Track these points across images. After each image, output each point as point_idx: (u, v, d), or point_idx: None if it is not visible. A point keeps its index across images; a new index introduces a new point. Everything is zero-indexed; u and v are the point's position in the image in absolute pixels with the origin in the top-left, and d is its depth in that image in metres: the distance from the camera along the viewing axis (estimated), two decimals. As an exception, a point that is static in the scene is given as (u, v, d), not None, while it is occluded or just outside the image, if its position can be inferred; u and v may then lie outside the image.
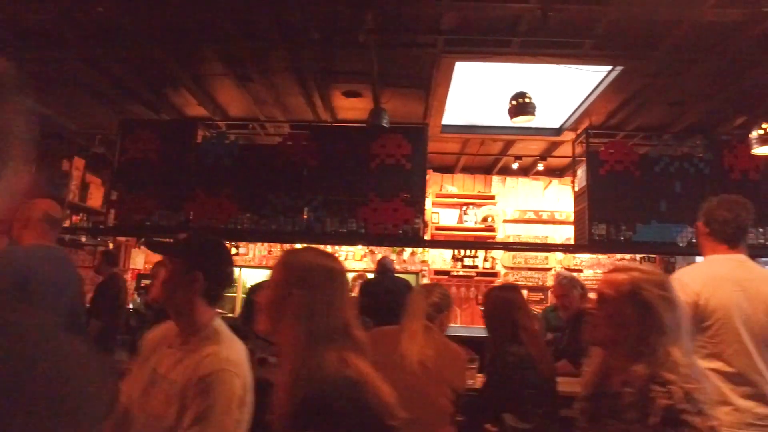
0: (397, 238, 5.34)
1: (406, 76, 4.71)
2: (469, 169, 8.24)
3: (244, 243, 7.69)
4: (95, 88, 5.29)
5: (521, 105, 4.08)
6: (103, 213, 5.99)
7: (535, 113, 4.18)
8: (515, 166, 7.41)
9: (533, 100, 4.12)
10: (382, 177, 5.23)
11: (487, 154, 7.27)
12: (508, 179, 8.35)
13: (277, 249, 7.67)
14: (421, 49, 4.08)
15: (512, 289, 2.76)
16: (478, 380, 3.12)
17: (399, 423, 1.37)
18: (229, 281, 1.73)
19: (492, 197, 8.12)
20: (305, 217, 5.30)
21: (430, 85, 4.78)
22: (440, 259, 7.95)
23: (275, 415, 1.31)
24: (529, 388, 2.38)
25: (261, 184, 5.36)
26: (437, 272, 7.78)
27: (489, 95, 4.50)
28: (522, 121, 4.22)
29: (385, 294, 5.18)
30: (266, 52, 4.38)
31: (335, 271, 1.45)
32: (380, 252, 6.99)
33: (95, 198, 6.97)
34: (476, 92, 5.35)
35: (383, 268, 5.41)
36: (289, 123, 5.72)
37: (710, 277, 2.22)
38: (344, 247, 7.57)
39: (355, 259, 7.41)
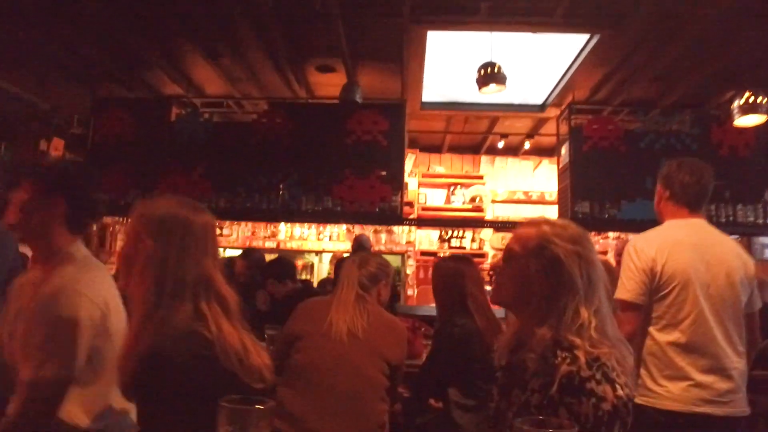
0: (374, 216, 5.24)
1: (378, 49, 4.58)
2: (456, 149, 8.11)
3: (228, 224, 7.59)
4: (68, 67, 5.18)
5: (489, 75, 3.93)
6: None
7: (505, 83, 4.02)
8: (501, 144, 7.26)
9: (503, 70, 3.96)
10: (358, 154, 5.13)
11: (473, 132, 7.13)
12: (497, 159, 8.21)
13: (261, 229, 7.58)
14: (387, 18, 3.93)
15: (463, 259, 2.64)
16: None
17: (266, 387, 1.26)
18: (95, 209, 1.67)
19: (480, 177, 7.98)
20: (281, 195, 5.20)
21: (403, 59, 4.63)
22: (427, 239, 7.82)
23: (119, 371, 1.23)
24: (474, 362, 2.27)
25: (236, 162, 5.27)
26: (423, 253, 7.66)
27: (469, 71, 4.35)
28: (492, 91, 4.07)
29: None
30: (231, 26, 4.24)
31: (194, 222, 1.34)
32: (363, 232, 6.86)
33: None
34: (456, 68, 5.20)
35: (358, 245, 5.29)
36: (266, 100, 5.59)
37: (667, 241, 2.08)
38: (329, 229, 7.46)
39: (340, 240, 7.29)
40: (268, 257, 5.00)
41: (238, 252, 7.26)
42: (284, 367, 2.06)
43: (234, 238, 7.46)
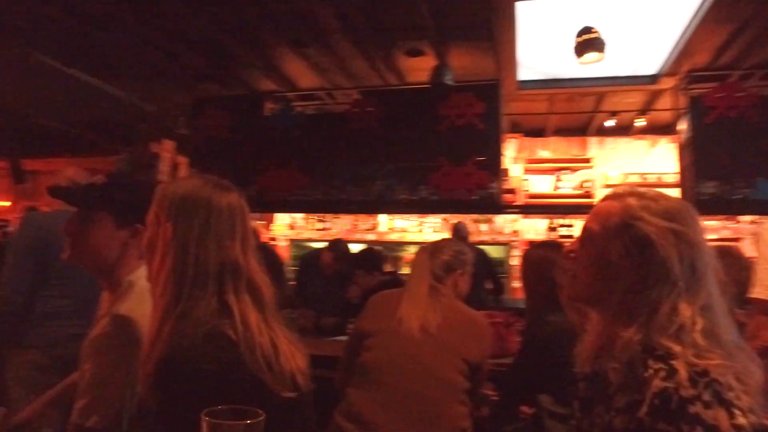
0: (471, 205, 4.98)
1: (466, 27, 4.31)
2: (562, 131, 7.60)
3: (330, 216, 7.65)
4: (170, 72, 5.39)
5: (586, 42, 3.54)
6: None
7: (604, 50, 3.61)
8: (610, 123, 6.68)
9: (601, 35, 3.55)
10: (452, 140, 4.89)
11: (578, 112, 6.62)
12: (608, 140, 7.59)
13: (362, 221, 7.55)
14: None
15: (555, 246, 2.32)
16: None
17: (298, 396, 1.09)
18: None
19: (588, 160, 7.42)
20: (375, 185, 5.10)
21: (493, 35, 4.33)
22: (533, 229, 7.40)
23: (141, 373, 1.08)
24: (566, 365, 1.98)
25: (329, 154, 5.23)
26: (531, 242, 7.26)
27: (568, 44, 3.97)
28: (591, 60, 3.67)
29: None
30: (315, 17, 4.17)
31: (217, 202, 1.18)
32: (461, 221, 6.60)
33: (184, 178, 7.22)
34: (553, 41, 4.79)
35: (457, 234, 5.06)
36: (357, 89, 5.50)
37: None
38: (430, 219, 7.27)
39: (436, 231, 7.09)
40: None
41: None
42: (354, 366, 1.91)
43: (335, 231, 7.48)
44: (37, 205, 5.90)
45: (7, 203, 8.59)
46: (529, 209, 6.97)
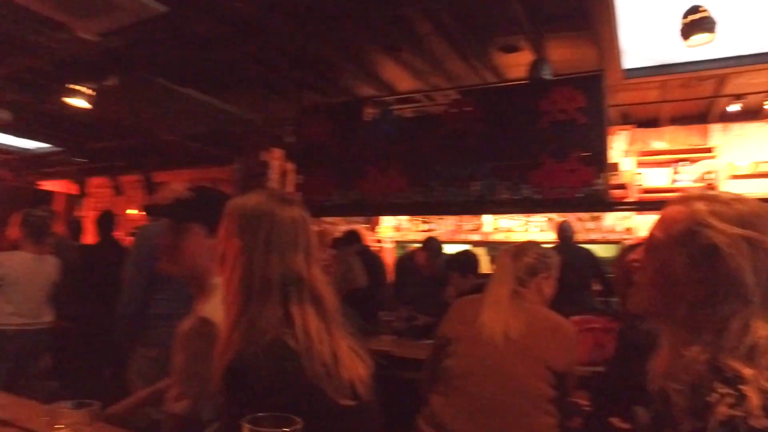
0: (577, 203, 4.78)
1: (561, 17, 4.14)
2: (679, 120, 7.06)
3: (434, 218, 7.66)
4: (275, 84, 5.66)
5: (694, 22, 3.26)
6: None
7: (714, 30, 3.30)
8: (735, 107, 6.11)
9: (710, 13, 3.25)
10: (554, 136, 4.73)
11: (696, 98, 6.12)
12: (733, 126, 6.94)
13: (465, 222, 7.48)
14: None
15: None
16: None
17: (358, 404, 1.10)
18: None
19: (710, 150, 6.84)
20: (475, 186, 5.04)
21: (592, 23, 4.12)
22: (648, 226, 6.92)
23: (213, 377, 1.16)
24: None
25: (429, 155, 5.25)
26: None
27: (678, 24, 3.68)
28: (699, 42, 3.38)
29: (563, 265, 4.66)
30: (407, 19, 4.20)
31: (280, 215, 1.24)
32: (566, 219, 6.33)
33: (293, 183, 7.54)
34: (662, 23, 4.47)
35: (563, 234, 4.86)
36: (455, 90, 5.48)
37: None
38: (536, 218, 7.06)
39: (542, 230, 6.85)
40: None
41: (444, 246, 7.30)
42: (437, 372, 1.90)
43: (439, 233, 7.48)
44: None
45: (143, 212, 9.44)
46: (642, 205, 6.56)
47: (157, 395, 1.69)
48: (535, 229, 7.00)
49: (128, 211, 9.77)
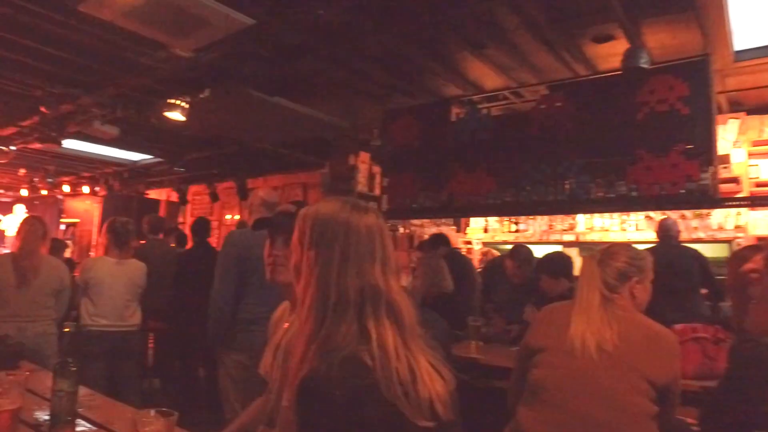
0: (679, 200, 4.46)
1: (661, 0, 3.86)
2: (802, 104, 6.40)
3: (524, 218, 7.44)
4: (362, 89, 5.71)
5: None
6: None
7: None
8: None
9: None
10: (653, 128, 4.46)
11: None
12: None
13: (558, 222, 7.20)
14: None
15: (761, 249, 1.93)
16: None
17: (437, 424, 1.04)
18: None
19: (837, 135, 6.17)
20: (567, 185, 4.84)
21: (695, 2, 3.82)
22: (765, 223, 6.36)
23: (288, 391, 1.13)
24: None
25: (518, 154, 5.11)
26: (761, 239, 6.24)
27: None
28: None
29: (666, 267, 4.33)
30: (491, 14, 4.08)
31: (355, 225, 1.18)
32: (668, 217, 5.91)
33: (380, 187, 7.58)
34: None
35: (665, 233, 4.54)
36: (544, 85, 5.28)
37: None
38: (634, 216, 6.66)
39: (639, 229, 6.44)
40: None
41: (534, 247, 7.07)
42: (523, 383, 1.80)
43: (530, 233, 7.26)
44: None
45: (237, 216, 9.82)
46: (756, 200, 6.02)
47: (259, 414, 1.72)
48: (632, 227, 6.61)
49: (226, 217, 10.24)
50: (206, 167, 9.26)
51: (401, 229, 7.74)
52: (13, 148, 7.28)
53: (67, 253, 7.09)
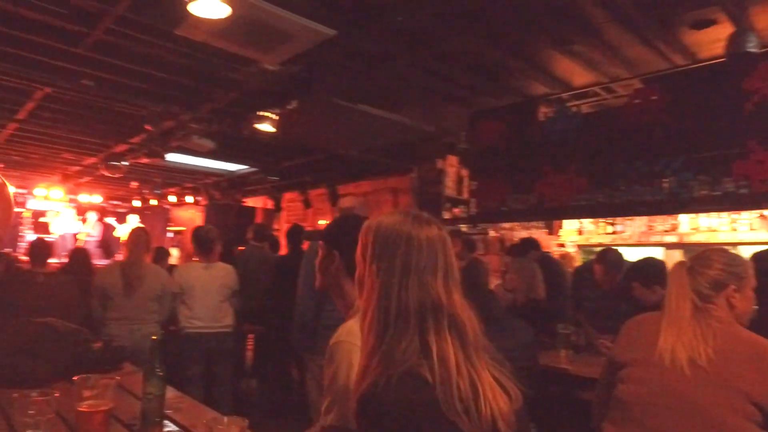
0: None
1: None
2: None
3: (621, 219, 7.07)
4: (447, 93, 5.68)
5: None
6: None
7: None
8: None
9: None
10: (764, 118, 4.10)
11: None
12: None
13: (659, 222, 6.78)
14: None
15: None
16: None
17: None
18: None
19: None
20: (665, 183, 4.57)
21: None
22: None
23: (351, 402, 1.13)
24: None
25: (611, 152, 4.90)
26: None
27: None
28: None
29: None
30: (574, 8, 3.92)
31: (417, 237, 1.16)
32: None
33: (468, 190, 7.49)
34: None
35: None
36: (638, 78, 5.01)
37: None
38: (746, 215, 6.13)
39: (752, 229, 5.90)
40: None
41: (632, 250, 6.70)
42: (609, 399, 1.69)
43: (627, 235, 6.88)
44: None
45: (326, 221, 10.08)
46: None
47: None
48: (745, 227, 6.08)
49: (320, 222, 10.51)
50: (299, 175, 9.55)
51: (491, 233, 7.60)
52: (125, 163, 7.86)
53: (173, 260, 7.55)
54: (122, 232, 12.52)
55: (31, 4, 3.89)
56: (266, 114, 5.44)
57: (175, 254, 11.63)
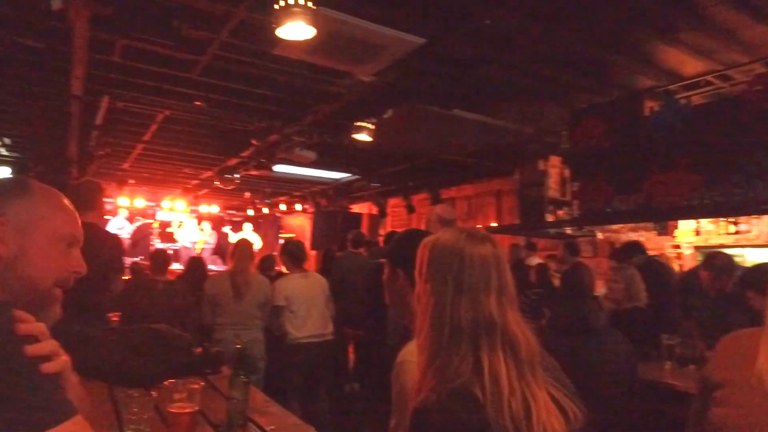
0: None
1: None
2: None
3: (744, 219, 6.48)
4: (541, 91, 5.53)
5: None
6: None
7: None
8: None
9: None
10: None
11: None
12: None
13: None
14: None
15: None
16: None
17: None
18: None
19: None
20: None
21: None
22: None
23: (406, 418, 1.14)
24: None
25: (727, 146, 4.53)
26: None
27: None
28: None
29: None
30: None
31: (470, 254, 1.16)
32: None
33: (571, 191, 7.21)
34: None
35: None
36: (760, 62, 4.60)
37: None
38: None
39: None
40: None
41: (758, 251, 6.14)
42: (703, 422, 1.56)
43: (753, 235, 6.29)
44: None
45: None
46: None
47: None
48: None
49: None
50: (402, 180, 9.67)
51: (599, 235, 7.27)
52: (236, 176, 8.38)
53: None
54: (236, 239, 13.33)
55: (147, 39, 4.28)
56: (363, 124, 5.58)
57: (286, 260, 12.18)
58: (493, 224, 8.77)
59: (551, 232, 7.06)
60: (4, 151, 8.01)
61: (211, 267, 9.27)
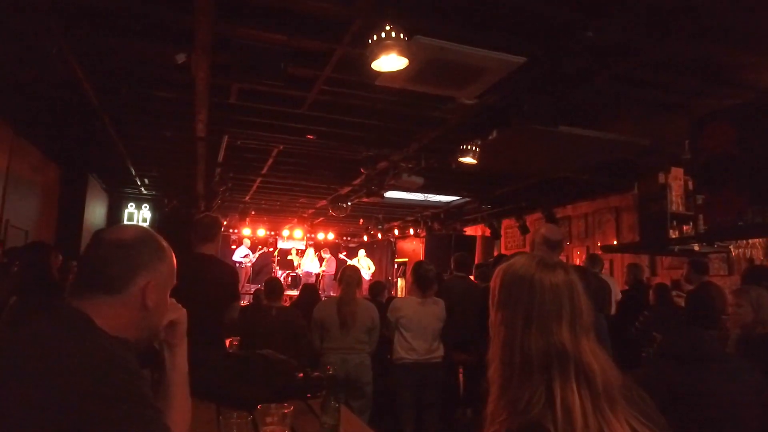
0: None
1: None
2: None
3: None
4: (654, 101, 5.25)
5: None
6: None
7: None
8: None
9: None
10: None
11: None
12: None
13: None
14: None
15: None
16: None
17: None
18: None
19: None
20: None
21: None
22: None
23: None
24: None
25: None
26: None
27: None
28: None
29: None
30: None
31: (541, 282, 1.12)
32: None
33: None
34: None
35: None
36: None
37: None
38: None
39: None
40: None
41: None
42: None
43: None
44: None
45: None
46: None
47: None
48: None
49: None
50: (514, 200, 9.48)
51: (733, 251, 6.65)
52: (348, 203, 8.67)
53: (399, 289, 7.99)
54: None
55: (258, 81, 4.59)
56: (467, 147, 5.57)
57: (400, 284, 12.34)
58: (614, 242, 8.32)
59: (676, 249, 6.57)
60: (144, 190, 8.89)
61: (331, 294, 9.60)
